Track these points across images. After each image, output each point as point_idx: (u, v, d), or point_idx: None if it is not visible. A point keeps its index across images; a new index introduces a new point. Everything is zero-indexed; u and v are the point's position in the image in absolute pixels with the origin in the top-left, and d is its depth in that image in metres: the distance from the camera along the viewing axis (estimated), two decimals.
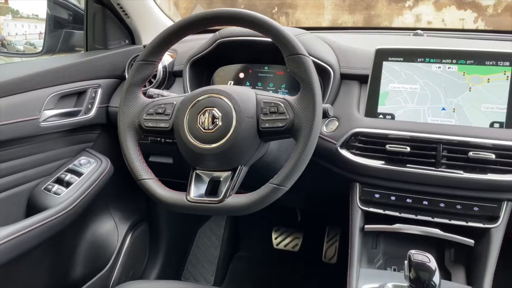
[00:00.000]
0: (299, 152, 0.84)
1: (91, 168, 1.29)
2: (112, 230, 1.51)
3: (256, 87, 1.27)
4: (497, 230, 0.99)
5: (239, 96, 0.89)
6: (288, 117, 0.86)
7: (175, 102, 0.95)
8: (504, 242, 1.00)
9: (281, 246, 1.93)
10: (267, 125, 0.87)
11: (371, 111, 1.07)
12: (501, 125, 0.99)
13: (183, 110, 0.91)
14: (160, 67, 1.30)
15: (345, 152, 1.05)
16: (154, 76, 1.30)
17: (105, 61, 1.39)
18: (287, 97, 0.89)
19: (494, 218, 1.00)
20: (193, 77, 1.27)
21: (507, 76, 0.99)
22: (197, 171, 0.92)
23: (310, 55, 0.88)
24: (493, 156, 0.95)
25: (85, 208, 1.26)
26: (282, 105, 0.87)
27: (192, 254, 1.91)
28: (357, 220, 1.07)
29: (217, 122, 0.88)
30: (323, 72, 1.12)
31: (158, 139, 1.24)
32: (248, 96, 0.90)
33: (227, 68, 1.31)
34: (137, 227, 1.61)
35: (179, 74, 1.30)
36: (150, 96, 1.05)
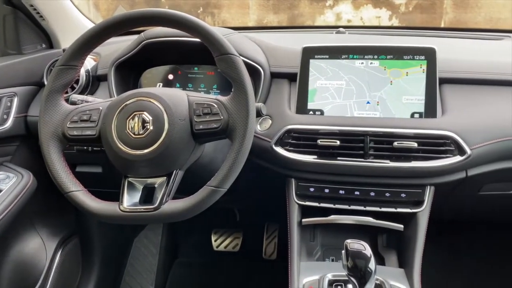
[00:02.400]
0: (235, 152, 0.83)
1: (10, 183, 1.19)
2: (39, 248, 1.41)
3: (187, 88, 1.25)
4: (423, 214, 1.06)
5: (170, 98, 0.86)
6: (222, 117, 0.85)
7: (101, 108, 0.90)
8: (429, 225, 1.07)
9: (221, 247, 1.92)
10: (201, 126, 0.86)
11: (302, 108, 1.10)
12: (421, 115, 1.06)
13: (110, 116, 0.87)
14: (82, 71, 1.24)
15: (279, 149, 1.07)
16: (77, 81, 1.24)
17: (20, 67, 1.29)
18: (220, 97, 0.88)
19: (419, 203, 1.07)
20: (119, 81, 1.21)
21: (423, 69, 1.06)
22: (130, 179, 0.88)
23: (240, 54, 0.88)
24: (415, 144, 1.01)
25: (7, 228, 1.16)
26: (216, 105, 0.86)
27: (129, 264, 1.84)
28: (294, 215, 1.10)
29: (148, 127, 0.84)
30: (253, 72, 1.13)
31: (85, 147, 1.18)
32: (179, 98, 0.88)
33: (155, 70, 1.28)
34: (68, 242, 1.52)
35: (103, 78, 1.24)
36: (73, 103, 0.98)
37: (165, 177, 0.87)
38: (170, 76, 1.26)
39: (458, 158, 1.01)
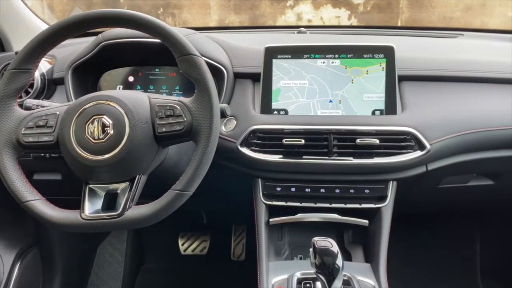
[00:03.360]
0: (200, 155, 0.82)
1: None
2: None
3: (148, 90, 1.22)
4: (386, 209, 1.09)
5: (130, 101, 0.84)
6: (185, 119, 0.84)
7: (58, 113, 0.87)
8: (393, 219, 1.09)
9: (188, 251, 1.89)
10: (164, 129, 0.84)
11: (266, 108, 1.10)
12: (381, 112, 1.08)
13: (68, 121, 0.84)
14: (37, 75, 1.18)
15: (245, 150, 1.06)
16: (31, 86, 1.18)
17: None
18: (183, 99, 0.86)
19: (383, 198, 1.09)
20: (77, 84, 1.17)
21: (383, 67, 1.09)
22: (91, 186, 0.85)
23: (202, 55, 0.87)
24: (377, 141, 1.03)
25: None
26: (178, 107, 0.85)
27: (94, 273, 1.78)
28: (261, 215, 1.10)
29: (108, 131, 0.82)
30: (216, 72, 1.12)
31: (42, 154, 1.13)
32: (140, 100, 0.86)
33: (115, 72, 1.24)
34: (27, 254, 1.45)
35: (60, 81, 1.20)
36: (28, 108, 0.94)
37: (128, 182, 0.85)
38: (131, 78, 1.23)
39: (418, 153, 1.03)
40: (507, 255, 1.72)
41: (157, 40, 0.87)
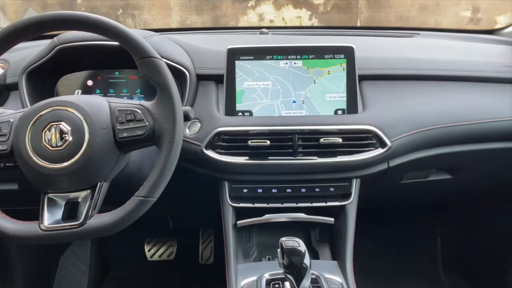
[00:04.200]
0: (163, 159, 0.80)
1: None
2: None
3: (108, 94, 1.19)
4: (351, 206, 1.11)
5: (89, 106, 0.81)
6: (147, 123, 0.82)
7: (12, 120, 0.83)
8: (358, 215, 1.12)
9: (155, 257, 1.86)
10: (125, 134, 0.82)
11: (230, 109, 1.09)
12: (344, 111, 1.10)
13: (24, 128, 0.80)
14: None
15: (210, 153, 1.05)
16: None
17: None
18: (144, 102, 0.85)
19: (347, 195, 1.11)
20: (32, 89, 1.12)
21: (343, 68, 1.10)
22: (50, 195, 0.82)
23: (162, 57, 0.86)
24: (340, 140, 1.05)
25: None
26: (139, 111, 0.83)
27: (56, 285, 1.71)
28: (229, 218, 1.09)
29: (67, 138, 0.79)
30: (178, 74, 1.10)
31: None
32: (99, 105, 0.83)
33: (73, 76, 1.20)
34: None
35: (14, 87, 1.14)
36: None
37: (89, 190, 0.82)
38: (89, 82, 1.20)
39: (380, 151, 1.06)
40: (467, 247, 1.80)
41: (116, 43, 0.84)
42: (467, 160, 1.22)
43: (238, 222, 1.10)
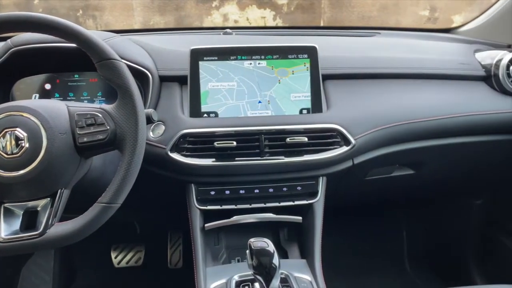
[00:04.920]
0: (126, 164, 0.78)
1: None
2: None
3: (68, 98, 1.15)
4: (318, 204, 1.12)
5: (46, 111, 0.78)
6: (108, 127, 0.80)
7: None
8: (325, 213, 1.13)
9: (123, 264, 1.81)
10: (85, 139, 0.80)
11: (195, 111, 1.08)
12: (308, 111, 1.11)
13: None
14: None
15: (175, 155, 1.03)
16: None
17: None
18: (105, 106, 0.82)
19: (314, 194, 1.12)
20: None
21: (307, 67, 1.11)
22: (6, 205, 0.78)
23: (123, 59, 0.84)
24: (306, 139, 1.06)
25: None
26: (100, 115, 0.80)
27: None
28: (196, 221, 1.08)
29: (23, 144, 0.76)
30: (140, 76, 1.08)
31: None
32: (57, 109, 0.80)
33: (29, 80, 1.15)
34: None
35: None
36: None
37: (49, 198, 0.79)
38: (47, 86, 1.15)
39: (344, 149, 1.08)
40: (430, 240, 1.86)
41: (74, 45, 0.82)
42: (428, 155, 1.26)
43: (206, 225, 1.09)
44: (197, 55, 1.09)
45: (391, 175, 1.31)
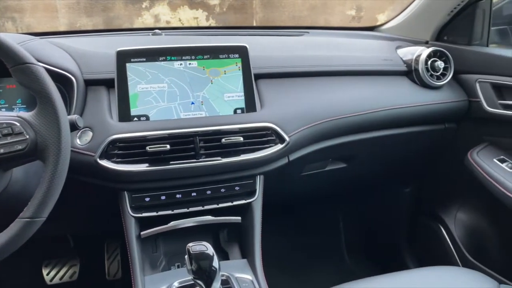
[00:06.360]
0: (50, 174, 0.73)
1: None
2: None
3: None
4: (257, 202, 1.12)
5: None
6: (28, 137, 0.74)
7: None
8: (264, 211, 1.14)
9: (56, 280, 1.70)
10: (2, 150, 0.74)
11: (125, 115, 1.04)
12: (243, 110, 1.11)
13: None
14: None
15: (105, 163, 0.99)
16: None
17: None
18: (23, 113, 0.77)
19: (252, 193, 1.13)
20: None
21: (239, 67, 1.11)
22: None
23: (42, 62, 0.79)
24: (241, 138, 1.06)
25: None
26: (18, 124, 0.75)
27: None
28: (132, 229, 1.03)
29: None
30: (64, 81, 1.02)
31: None
32: None
33: None
34: None
35: None
36: None
37: None
38: None
39: (279, 146, 1.09)
40: (365, 230, 1.94)
41: None
42: (358, 148, 1.32)
43: (142, 232, 1.05)
44: (123, 57, 1.05)
45: (325, 169, 1.35)
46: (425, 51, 1.35)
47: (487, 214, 1.45)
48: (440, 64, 1.34)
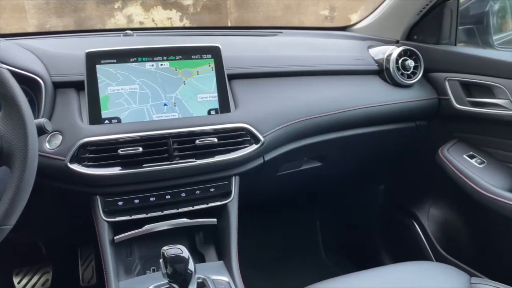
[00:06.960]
0: (16, 180, 0.71)
1: None
2: None
3: None
4: (232, 203, 1.12)
5: None
6: None
7: None
8: (241, 212, 1.13)
9: None
10: None
11: (95, 118, 1.02)
12: (217, 111, 1.10)
13: None
14: None
15: (76, 167, 0.96)
16: None
17: None
18: None
19: (228, 194, 1.12)
20: None
21: (212, 68, 1.10)
22: None
23: (7, 65, 0.76)
24: (216, 139, 1.05)
25: None
26: None
27: None
28: (105, 234, 1.01)
29: None
30: (31, 83, 0.99)
31: None
32: None
33: None
34: None
35: None
36: None
37: None
38: None
39: (254, 147, 1.09)
40: (342, 228, 1.96)
41: None
42: (332, 147, 1.33)
43: (115, 237, 1.03)
44: (93, 59, 1.02)
45: (300, 168, 1.35)
46: (395, 51, 1.37)
47: (458, 209, 1.48)
48: (410, 63, 1.37)
